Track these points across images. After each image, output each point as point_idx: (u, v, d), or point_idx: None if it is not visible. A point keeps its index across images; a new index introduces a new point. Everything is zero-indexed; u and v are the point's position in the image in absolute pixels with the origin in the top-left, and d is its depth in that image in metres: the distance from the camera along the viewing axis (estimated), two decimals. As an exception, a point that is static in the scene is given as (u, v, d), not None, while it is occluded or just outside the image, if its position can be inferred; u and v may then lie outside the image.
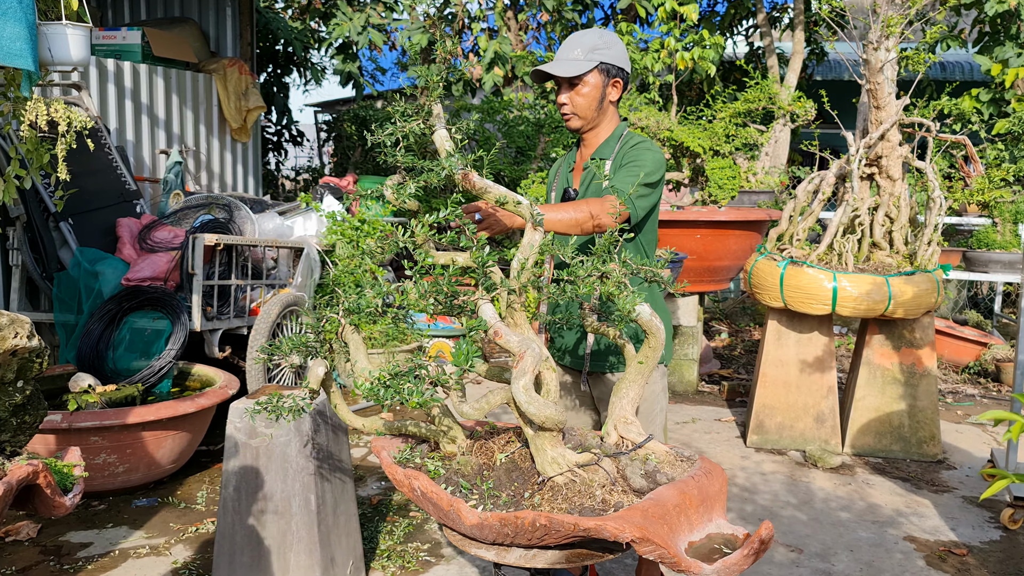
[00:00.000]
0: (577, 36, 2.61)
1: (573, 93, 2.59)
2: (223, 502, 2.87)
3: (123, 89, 6.31)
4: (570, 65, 2.55)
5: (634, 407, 1.91)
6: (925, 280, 4.44)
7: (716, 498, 1.70)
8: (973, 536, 3.70)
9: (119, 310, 4.54)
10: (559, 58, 2.59)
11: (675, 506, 1.61)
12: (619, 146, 2.61)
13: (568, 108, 2.62)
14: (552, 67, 2.57)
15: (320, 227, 6.06)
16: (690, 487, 1.67)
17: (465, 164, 1.87)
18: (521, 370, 1.67)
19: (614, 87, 2.62)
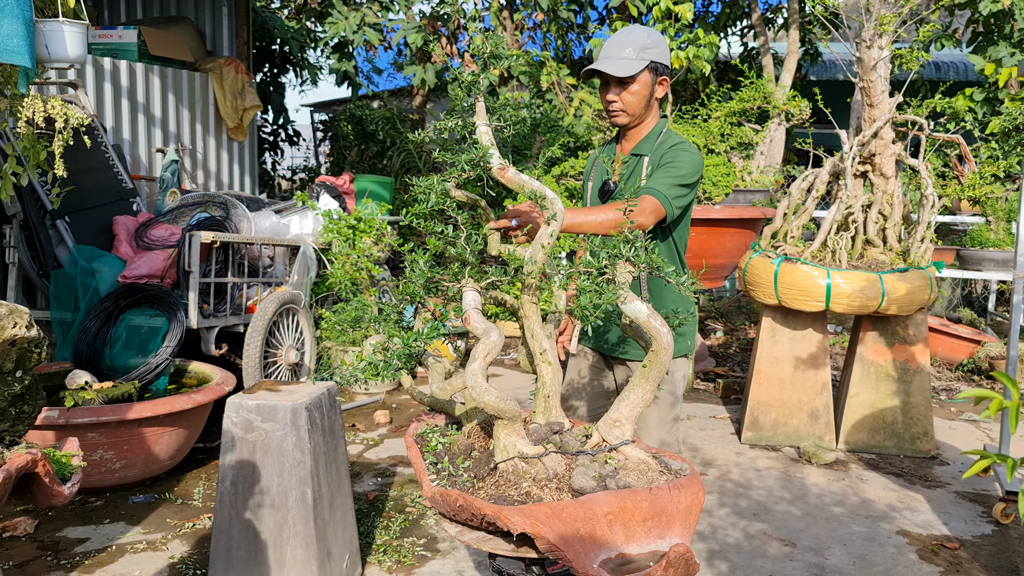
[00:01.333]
0: (626, 34, 2.63)
1: (624, 91, 2.63)
2: (220, 496, 2.88)
3: (119, 88, 6.32)
4: (624, 64, 2.58)
5: (633, 410, 1.85)
6: (918, 277, 4.47)
7: (678, 515, 1.57)
8: (965, 530, 3.73)
9: (116, 308, 4.56)
10: (608, 56, 2.62)
11: (607, 513, 1.52)
12: (658, 143, 2.67)
13: (617, 105, 2.66)
14: (607, 67, 2.60)
15: (316, 225, 6.08)
16: (639, 499, 1.55)
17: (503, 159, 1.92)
18: (473, 355, 1.69)
19: (661, 85, 2.68)
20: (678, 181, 2.53)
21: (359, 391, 5.84)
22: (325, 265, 5.99)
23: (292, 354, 5.25)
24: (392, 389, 5.97)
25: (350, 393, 5.84)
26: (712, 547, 3.47)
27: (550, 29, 10.23)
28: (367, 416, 5.32)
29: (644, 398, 1.82)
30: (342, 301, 6.03)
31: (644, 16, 8.95)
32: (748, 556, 3.40)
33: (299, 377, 5.42)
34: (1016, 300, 4.15)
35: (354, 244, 6.08)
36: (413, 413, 5.40)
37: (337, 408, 3.12)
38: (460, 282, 1.89)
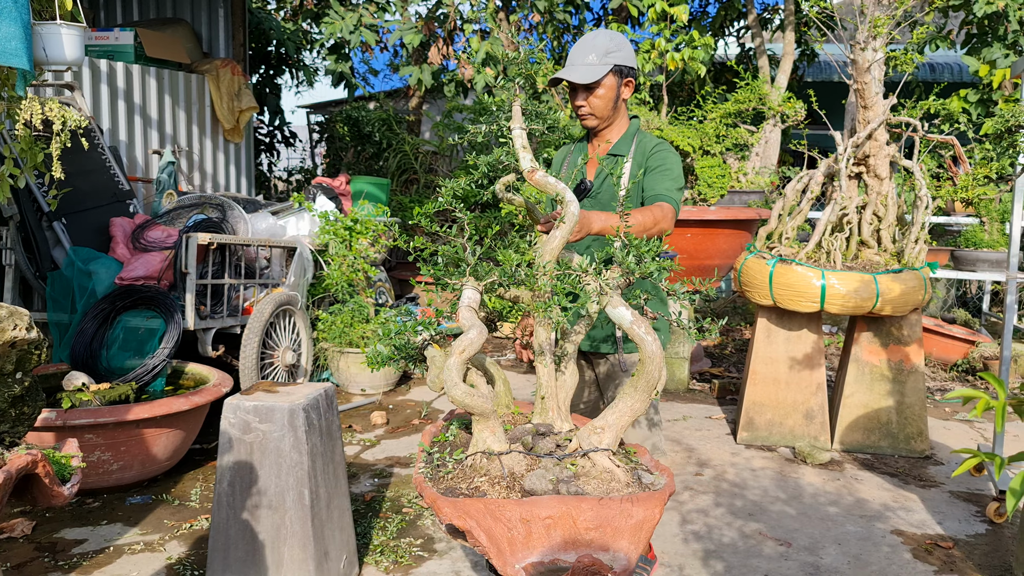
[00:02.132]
0: (589, 40, 2.72)
1: (591, 96, 2.74)
2: (217, 497, 2.89)
3: (116, 89, 6.33)
4: (588, 71, 2.68)
5: (620, 418, 1.84)
6: (912, 278, 4.49)
7: (626, 529, 1.52)
8: (959, 529, 3.75)
9: (113, 309, 4.56)
10: (573, 63, 2.72)
11: (547, 517, 1.50)
12: (635, 145, 2.78)
13: (586, 109, 2.77)
14: (571, 75, 2.70)
15: (313, 227, 6.09)
16: (584, 507, 1.52)
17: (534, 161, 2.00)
18: (450, 351, 1.73)
19: (627, 86, 2.78)
20: (677, 184, 2.68)
21: (356, 392, 5.85)
22: (321, 266, 6.00)
23: (289, 355, 5.26)
24: (389, 390, 5.98)
25: (347, 394, 5.85)
26: (708, 547, 3.49)
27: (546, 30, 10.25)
28: (364, 417, 5.33)
29: (634, 407, 1.81)
30: (339, 302, 6.04)
31: (641, 17, 8.97)
32: (743, 556, 3.42)
33: (296, 378, 5.43)
34: (1009, 301, 4.18)
35: (350, 245, 6.10)
36: (410, 415, 5.41)
37: (334, 409, 3.13)
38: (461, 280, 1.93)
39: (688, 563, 3.34)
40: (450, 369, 1.70)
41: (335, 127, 10.60)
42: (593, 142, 2.90)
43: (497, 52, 9.27)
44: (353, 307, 5.90)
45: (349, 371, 5.79)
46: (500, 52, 9.33)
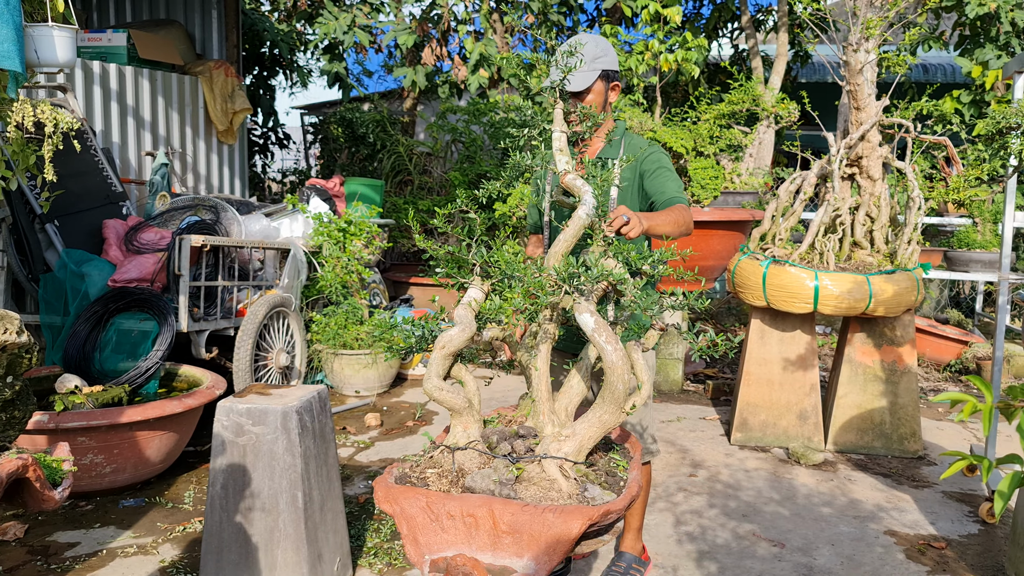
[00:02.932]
0: (575, 45, 2.68)
1: (580, 102, 2.76)
2: (211, 500, 2.89)
3: (109, 91, 6.32)
4: (579, 78, 2.72)
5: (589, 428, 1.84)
6: (905, 279, 4.50)
7: (543, 539, 1.49)
8: (952, 530, 3.76)
9: (105, 311, 4.55)
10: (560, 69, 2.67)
11: (467, 515, 1.53)
12: (623, 147, 2.79)
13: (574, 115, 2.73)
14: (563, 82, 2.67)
15: (307, 228, 6.08)
16: (506, 511, 1.52)
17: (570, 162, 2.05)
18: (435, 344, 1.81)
19: (613, 91, 2.83)
20: (680, 185, 2.75)
21: (350, 394, 5.85)
22: (315, 268, 5.99)
23: (283, 357, 5.25)
24: (383, 392, 5.98)
25: (341, 396, 5.85)
26: (701, 548, 3.50)
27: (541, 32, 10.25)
28: (358, 419, 5.33)
29: (604, 420, 1.81)
30: (333, 304, 6.04)
31: (635, 18, 8.98)
32: (737, 557, 3.42)
33: (290, 380, 5.43)
34: (1001, 301, 4.20)
35: (344, 247, 6.09)
36: (404, 416, 5.41)
37: (328, 411, 3.13)
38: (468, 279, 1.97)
39: (682, 564, 3.34)
40: (430, 364, 1.76)
41: (329, 128, 10.59)
42: (579, 145, 2.88)
43: (491, 53, 9.27)
44: (347, 309, 5.89)
45: (343, 373, 5.79)
46: (494, 53, 9.33)
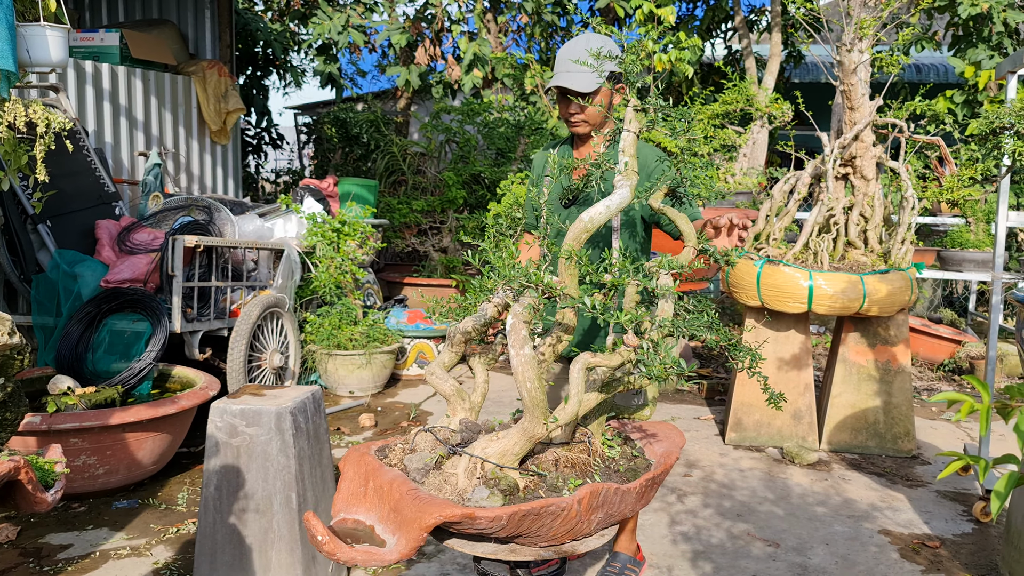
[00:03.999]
0: (582, 45, 2.67)
1: (583, 101, 2.69)
2: (204, 501, 2.88)
3: (101, 91, 6.29)
4: (585, 78, 2.64)
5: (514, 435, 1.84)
6: (899, 278, 4.51)
7: (405, 522, 1.57)
8: (946, 529, 3.77)
9: (98, 312, 4.53)
10: (568, 69, 2.67)
11: (379, 487, 1.70)
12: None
13: (580, 117, 2.73)
14: (570, 82, 2.65)
15: (300, 229, 6.07)
16: (396, 492, 1.63)
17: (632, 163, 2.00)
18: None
19: (620, 91, 2.74)
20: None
21: (344, 395, 5.83)
22: (309, 268, 5.98)
23: (277, 358, 5.24)
24: (377, 392, 5.97)
25: (335, 397, 5.84)
26: (696, 548, 3.50)
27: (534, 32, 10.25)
28: (352, 420, 5.31)
29: (526, 429, 1.76)
30: (327, 304, 6.02)
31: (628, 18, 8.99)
32: (732, 556, 3.43)
33: (284, 381, 5.41)
34: (995, 301, 4.21)
35: (338, 247, 6.08)
36: (398, 417, 5.40)
37: (322, 412, 3.12)
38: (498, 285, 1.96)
39: (677, 564, 3.34)
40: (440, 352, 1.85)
41: (323, 128, 10.58)
42: (580, 148, 2.87)
43: (485, 53, 9.27)
44: (341, 309, 5.88)
45: (337, 373, 5.77)
46: (488, 53, 9.33)
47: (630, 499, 1.75)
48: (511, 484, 1.76)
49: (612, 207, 1.91)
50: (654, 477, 1.80)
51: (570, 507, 1.62)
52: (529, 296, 1.80)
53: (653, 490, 1.83)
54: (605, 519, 1.74)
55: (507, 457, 1.78)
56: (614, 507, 1.73)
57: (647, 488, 1.80)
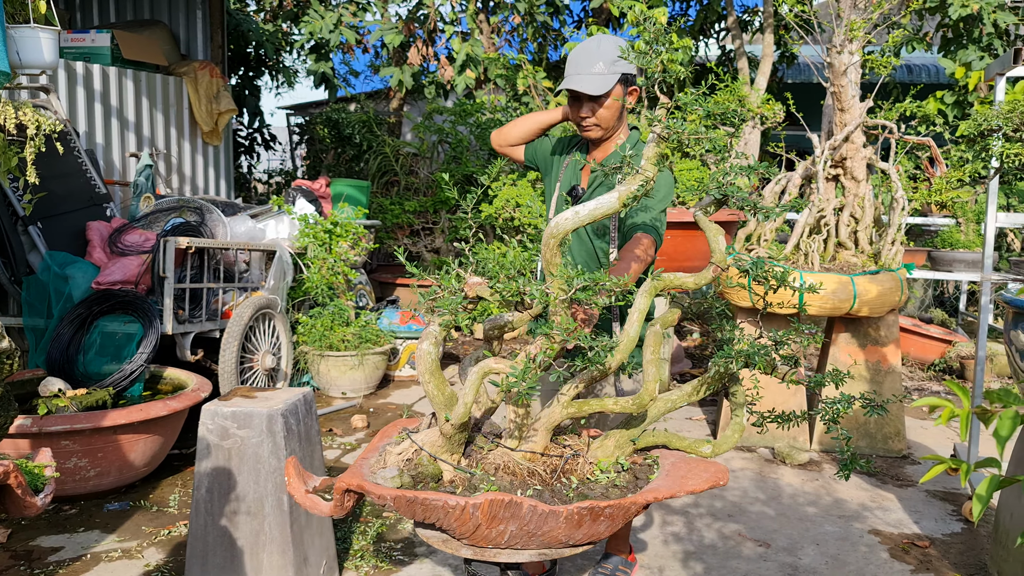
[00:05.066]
0: (594, 47, 2.61)
1: (597, 106, 2.62)
2: (195, 504, 2.88)
3: (92, 92, 6.28)
4: (597, 81, 2.58)
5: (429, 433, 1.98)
6: (889, 279, 4.53)
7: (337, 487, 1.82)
8: (936, 529, 3.79)
9: (89, 314, 4.52)
10: (579, 72, 2.60)
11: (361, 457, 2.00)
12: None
13: (591, 120, 2.66)
14: (581, 85, 2.59)
15: (292, 230, 6.07)
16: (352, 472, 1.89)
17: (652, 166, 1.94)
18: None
19: (631, 95, 2.67)
20: (660, 207, 2.60)
21: (336, 396, 5.83)
22: (301, 269, 5.98)
23: (269, 359, 5.24)
24: (370, 393, 5.97)
25: (327, 398, 5.83)
26: (687, 548, 3.51)
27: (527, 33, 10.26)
28: (344, 421, 5.31)
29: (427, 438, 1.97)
30: (319, 306, 6.02)
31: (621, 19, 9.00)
32: (723, 557, 3.44)
33: (276, 382, 5.41)
34: (984, 301, 4.23)
35: (330, 248, 6.08)
36: (391, 418, 5.40)
37: (313, 414, 3.12)
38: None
39: (668, 565, 3.35)
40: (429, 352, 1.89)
41: (315, 129, 10.57)
42: (594, 152, 2.82)
43: (478, 54, 9.27)
44: (333, 310, 5.88)
45: (329, 374, 5.77)
46: (481, 54, 9.33)
47: (557, 523, 1.67)
48: (432, 473, 1.86)
49: (582, 214, 1.85)
50: (594, 508, 1.67)
51: (463, 508, 1.65)
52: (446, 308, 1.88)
53: (599, 523, 1.70)
54: (523, 535, 1.69)
55: (435, 447, 1.89)
56: (532, 525, 1.67)
57: (585, 517, 1.68)
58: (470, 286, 1.88)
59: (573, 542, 1.74)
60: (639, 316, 1.92)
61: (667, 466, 1.96)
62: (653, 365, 1.93)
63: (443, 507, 1.67)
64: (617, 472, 1.94)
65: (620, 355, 1.86)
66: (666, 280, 1.98)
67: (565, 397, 1.93)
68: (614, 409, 1.94)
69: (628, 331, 1.90)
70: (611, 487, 1.87)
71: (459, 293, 1.89)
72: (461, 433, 1.89)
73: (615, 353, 1.86)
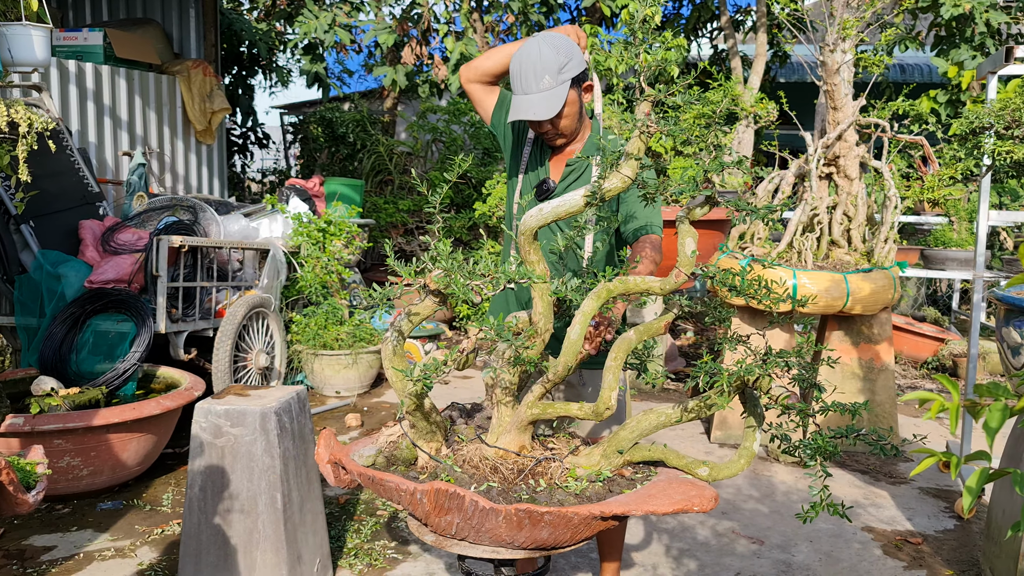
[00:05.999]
0: (534, 59, 2.42)
1: (557, 119, 2.49)
2: (189, 502, 2.87)
3: (85, 90, 6.26)
4: (549, 100, 2.41)
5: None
6: (882, 277, 4.54)
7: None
8: (928, 525, 3.80)
9: (82, 313, 4.51)
10: (526, 91, 2.43)
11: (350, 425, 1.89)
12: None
13: (553, 133, 2.54)
14: (532, 111, 2.42)
15: (286, 229, 6.06)
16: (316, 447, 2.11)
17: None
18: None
19: (587, 92, 2.57)
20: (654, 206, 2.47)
21: (330, 395, 5.83)
22: (295, 268, 5.97)
23: (262, 358, 5.23)
24: (364, 392, 5.96)
25: (321, 396, 5.83)
26: (681, 546, 3.51)
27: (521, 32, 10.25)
28: (338, 420, 5.31)
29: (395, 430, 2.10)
30: (312, 304, 6.02)
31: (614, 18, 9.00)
32: (716, 554, 3.44)
33: (269, 381, 5.40)
34: (976, 299, 4.24)
35: (324, 247, 6.07)
36: (385, 417, 5.40)
37: (307, 412, 3.12)
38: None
39: (661, 562, 3.36)
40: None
41: (309, 128, 10.55)
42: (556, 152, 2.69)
43: (472, 53, 9.27)
44: (327, 309, 5.87)
45: (323, 373, 5.77)
46: (475, 53, 9.32)
47: (498, 522, 1.65)
48: (407, 457, 1.96)
49: (545, 211, 1.82)
50: (532, 512, 1.62)
51: (412, 493, 1.71)
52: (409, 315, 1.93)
53: (540, 528, 1.65)
54: (469, 529, 1.69)
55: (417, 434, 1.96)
56: (475, 520, 1.66)
57: (524, 520, 1.64)
58: (430, 279, 1.88)
59: (519, 544, 1.70)
60: (582, 319, 1.84)
61: (651, 482, 1.89)
62: (611, 372, 1.85)
63: (396, 489, 1.75)
64: (591, 482, 1.87)
65: (564, 359, 1.84)
66: (628, 284, 1.88)
67: (532, 396, 1.93)
68: (577, 415, 1.91)
69: (570, 335, 1.84)
70: (573, 496, 1.82)
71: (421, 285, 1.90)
72: (423, 421, 1.93)
73: (559, 357, 1.85)
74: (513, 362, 1.87)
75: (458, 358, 1.89)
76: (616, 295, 1.91)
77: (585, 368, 2.58)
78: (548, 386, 1.94)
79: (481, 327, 1.86)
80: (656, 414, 1.97)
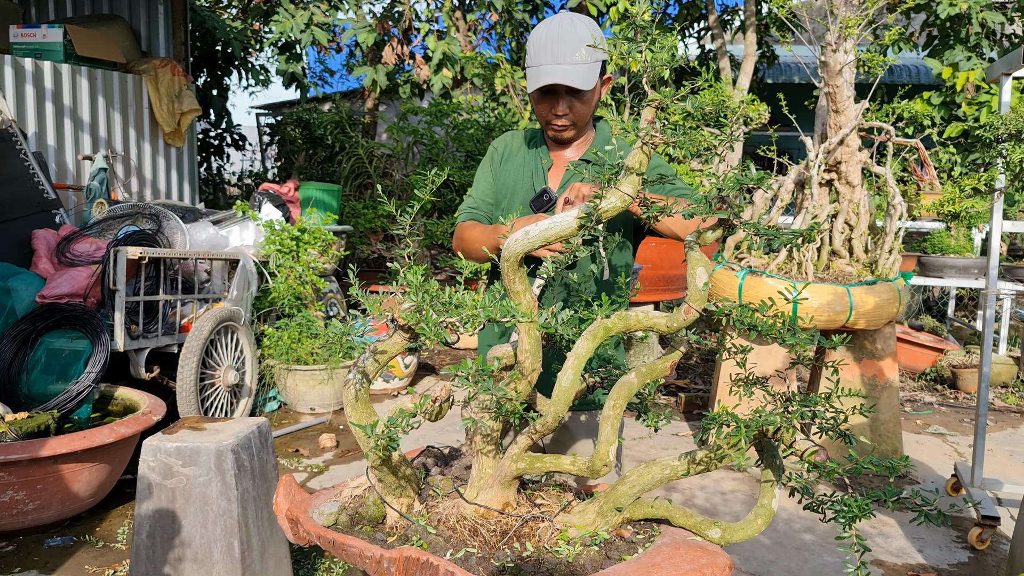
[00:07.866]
0: (570, 30, 2.12)
1: (578, 102, 2.19)
2: (135, 549, 2.58)
3: (43, 90, 5.92)
4: (584, 73, 2.12)
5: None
6: (886, 289, 4.30)
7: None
8: (940, 558, 3.55)
9: (33, 330, 4.20)
10: (557, 60, 2.12)
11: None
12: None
13: (568, 119, 2.21)
14: (567, 78, 2.11)
15: (258, 237, 5.75)
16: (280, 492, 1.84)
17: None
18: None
19: (606, 84, 2.27)
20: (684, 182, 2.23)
21: (305, 412, 5.52)
22: (267, 279, 5.66)
23: (231, 375, 4.92)
24: (340, 409, 5.66)
25: (295, 414, 5.52)
26: (679, 585, 3.25)
27: (505, 31, 9.99)
28: (312, 440, 5.01)
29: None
30: (286, 316, 5.71)
31: (601, 17, 8.75)
32: (718, 595, 3.18)
33: (240, 398, 5.09)
34: (988, 314, 4.00)
35: (298, 256, 5.76)
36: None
37: (269, 447, 2.83)
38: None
39: (659, 605, 3.09)
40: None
41: (286, 130, 10.24)
42: (557, 150, 2.35)
43: (455, 52, 8.99)
44: (301, 321, 5.57)
45: (297, 389, 5.47)
46: (458, 52, 9.05)
47: None
48: (374, 515, 1.71)
49: (532, 235, 1.56)
50: None
51: (378, 560, 1.51)
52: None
53: None
54: None
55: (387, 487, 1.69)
56: None
57: None
58: (398, 313, 1.59)
59: None
60: (576, 363, 1.58)
61: (655, 547, 1.61)
62: (609, 424, 1.59)
63: (360, 555, 1.53)
64: (586, 546, 1.60)
65: (555, 408, 1.58)
66: (629, 320, 1.64)
67: (517, 448, 1.65)
68: (570, 470, 1.65)
69: (561, 381, 1.58)
70: (565, 563, 1.55)
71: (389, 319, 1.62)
72: (391, 476, 1.66)
73: (549, 406, 1.59)
74: (495, 414, 1.59)
75: (429, 409, 1.61)
76: (620, 331, 1.64)
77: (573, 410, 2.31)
78: (536, 437, 1.67)
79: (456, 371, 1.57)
80: (660, 466, 1.70)
